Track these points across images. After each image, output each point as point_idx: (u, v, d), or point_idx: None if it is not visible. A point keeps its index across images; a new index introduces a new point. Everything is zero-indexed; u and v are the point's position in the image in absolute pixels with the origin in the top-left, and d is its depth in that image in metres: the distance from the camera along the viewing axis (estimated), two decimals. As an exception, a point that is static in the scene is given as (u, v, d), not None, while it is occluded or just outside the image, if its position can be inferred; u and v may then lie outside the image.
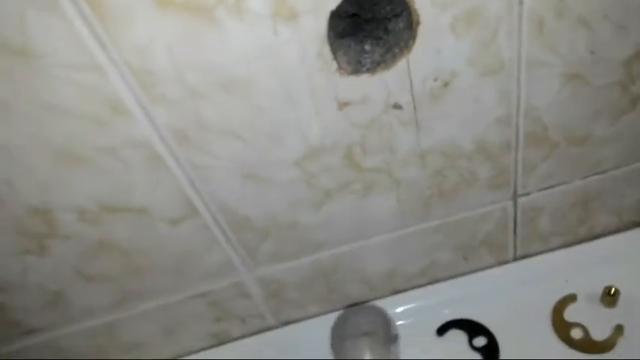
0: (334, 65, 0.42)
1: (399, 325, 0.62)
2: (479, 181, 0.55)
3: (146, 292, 0.56)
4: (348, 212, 0.54)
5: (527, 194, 0.57)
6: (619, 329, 0.55)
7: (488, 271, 0.64)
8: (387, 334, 0.47)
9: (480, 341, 0.59)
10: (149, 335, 0.61)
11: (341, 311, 0.52)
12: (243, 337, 0.65)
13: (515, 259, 0.64)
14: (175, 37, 0.37)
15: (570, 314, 0.58)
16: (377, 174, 0.51)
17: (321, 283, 0.61)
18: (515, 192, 0.56)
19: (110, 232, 0.49)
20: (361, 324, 0.48)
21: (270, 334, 0.65)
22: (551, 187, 0.57)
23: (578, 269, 0.61)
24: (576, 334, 0.57)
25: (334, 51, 0.41)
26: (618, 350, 0.55)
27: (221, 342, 0.65)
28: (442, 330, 0.60)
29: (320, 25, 0.39)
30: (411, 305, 0.63)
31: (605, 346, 0.55)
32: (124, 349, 0.62)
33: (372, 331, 0.47)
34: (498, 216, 0.58)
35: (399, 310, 0.63)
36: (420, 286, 0.64)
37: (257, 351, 0.63)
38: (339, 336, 0.47)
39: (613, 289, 0.57)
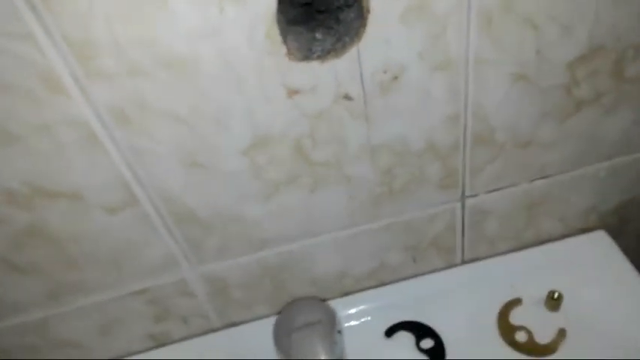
0: (283, 49, 0.41)
1: (348, 326, 0.61)
2: (428, 181, 0.55)
3: (81, 286, 0.53)
4: (296, 208, 0.53)
5: (475, 196, 0.57)
6: (562, 333, 0.56)
7: (436, 274, 0.64)
8: (332, 324, 0.46)
9: (427, 343, 0.58)
10: (84, 334, 0.57)
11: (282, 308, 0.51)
12: (184, 338, 0.62)
13: (464, 262, 0.64)
14: (115, 7, 0.36)
15: (515, 317, 0.58)
16: (327, 168, 0.50)
17: (267, 282, 0.59)
18: (463, 193, 0.57)
19: (42, 218, 0.46)
20: (307, 315, 0.46)
21: (213, 336, 0.62)
22: (498, 189, 0.57)
23: (524, 274, 0.62)
24: (521, 337, 0.57)
25: (284, 35, 0.41)
26: (561, 352, 0.55)
27: (161, 344, 0.62)
28: (390, 332, 0.60)
29: (268, 5, 0.38)
30: (360, 307, 0.62)
31: (548, 348, 0.55)
32: (56, 349, 0.58)
33: (318, 320, 0.45)
34: (447, 217, 0.58)
35: (348, 312, 0.62)
36: (368, 288, 0.63)
37: (199, 353, 0.61)
38: (285, 330, 0.45)
39: (557, 294, 0.58)
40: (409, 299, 0.62)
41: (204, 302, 0.59)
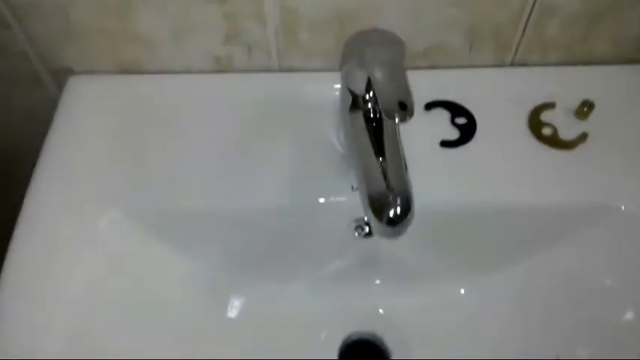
0: None
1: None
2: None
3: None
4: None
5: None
6: (583, 136, 0.62)
7: (484, 69, 0.68)
8: (402, 49, 0.50)
9: (461, 120, 0.64)
10: (158, 32, 0.62)
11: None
12: (244, 70, 0.67)
13: (513, 64, 0.68)
14: None
15: (546, 117, 0.64)
16: None
17: (333, 30, 0.62)
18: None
19: None
20: (380, 35, 0.51)
21: (271, 75, 0.67)
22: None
23: (566, 85, 0.66)
24: (546, 131, 0.63)
25: None
26: (577, 150, 0.62)
27: (222, 70, 0.67)
28: (430, 106, 0.65)
29: None
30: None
31: (568, 144, 0.62)
32: (129, 42, 0.63)
33: (391, 41, 0.49)
34: (517, 7, 0.61)
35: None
36: (420, 68, 0.67)
37: (256, 87, 0.66)
38: (358, 43, 0.49)
39: (589, 105, 0.63)
40: (453, 84, 0.67)
41: (272, 35, 0.63)
